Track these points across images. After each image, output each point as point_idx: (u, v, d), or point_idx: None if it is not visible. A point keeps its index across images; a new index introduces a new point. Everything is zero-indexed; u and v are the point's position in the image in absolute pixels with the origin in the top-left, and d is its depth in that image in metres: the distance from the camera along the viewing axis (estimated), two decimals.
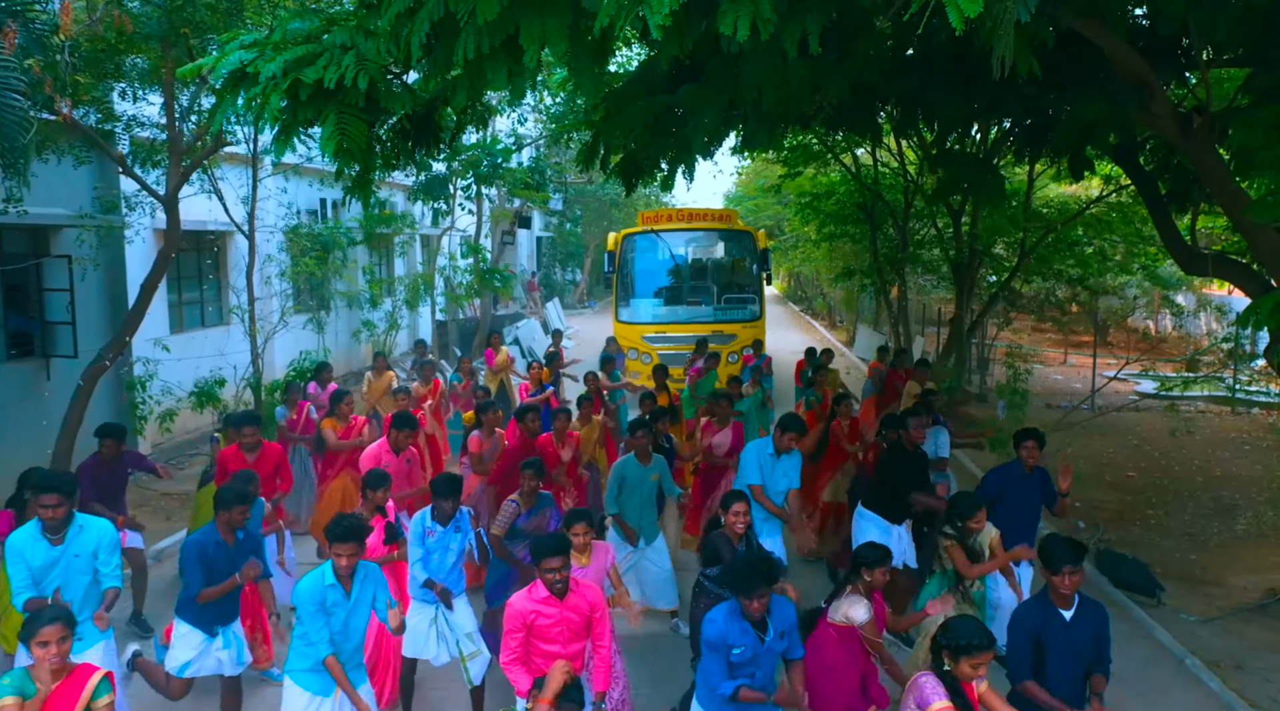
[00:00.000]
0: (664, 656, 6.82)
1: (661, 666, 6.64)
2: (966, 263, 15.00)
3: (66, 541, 5.01)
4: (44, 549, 4.98)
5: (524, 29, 4.21)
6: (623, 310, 16.00)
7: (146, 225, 11.78)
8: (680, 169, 7.12)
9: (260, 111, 4.69)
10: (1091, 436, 14.93)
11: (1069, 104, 6.86)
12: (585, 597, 4.57)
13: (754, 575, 4.29)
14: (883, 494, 7.12)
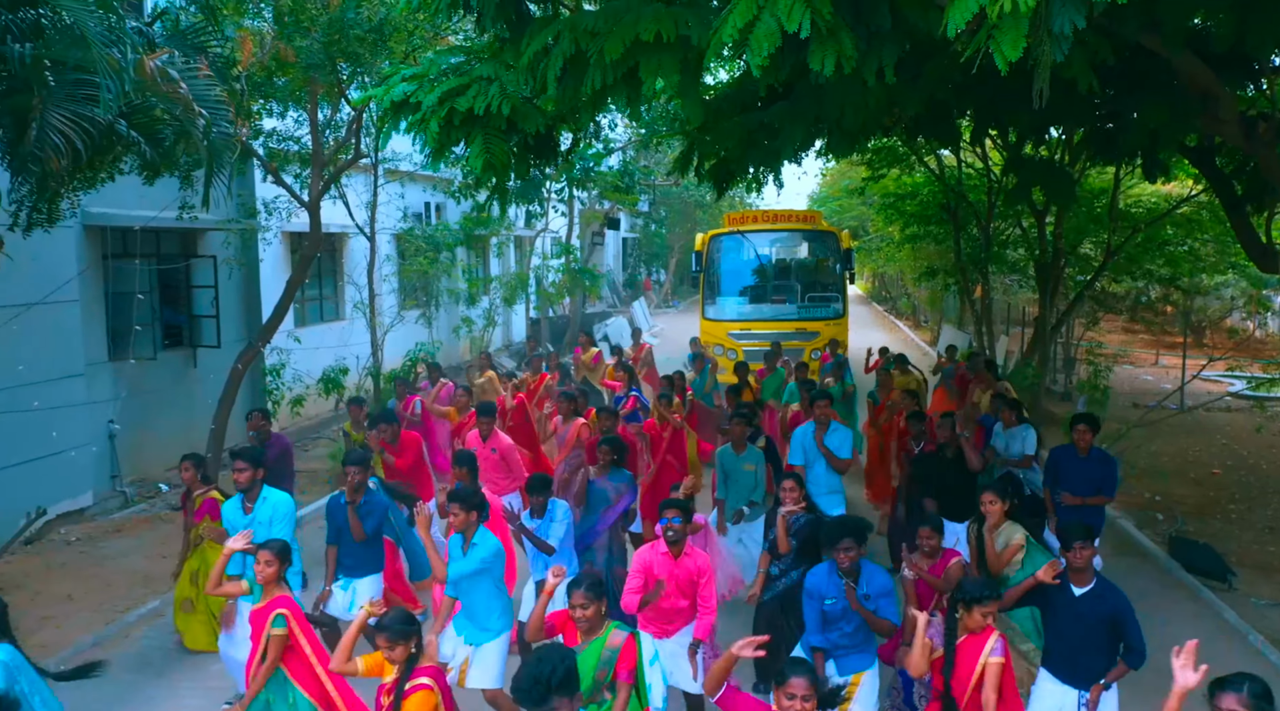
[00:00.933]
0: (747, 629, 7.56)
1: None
2: (1050, 262, 15.31)
3: (254, 510, 6.07)
4: (240, 516, 6.07)
5: (643, 64, 5.10)
6: (709, 308, 16.79)
7: (276, 229, 13.16)
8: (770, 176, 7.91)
9: (421, 133, 5.69)
10: (1179, 435, 15.10)
11: (1136, 110, 7.41)
12: (695, 561, 5.38)
13: (841, 529, 5.06)
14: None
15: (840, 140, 7.18)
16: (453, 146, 5.90)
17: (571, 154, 8.14)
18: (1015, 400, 9.20)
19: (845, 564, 5.04)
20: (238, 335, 13.43)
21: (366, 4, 8.00)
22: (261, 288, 13.87)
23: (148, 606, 8.18)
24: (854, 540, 5.04)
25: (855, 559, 5.02)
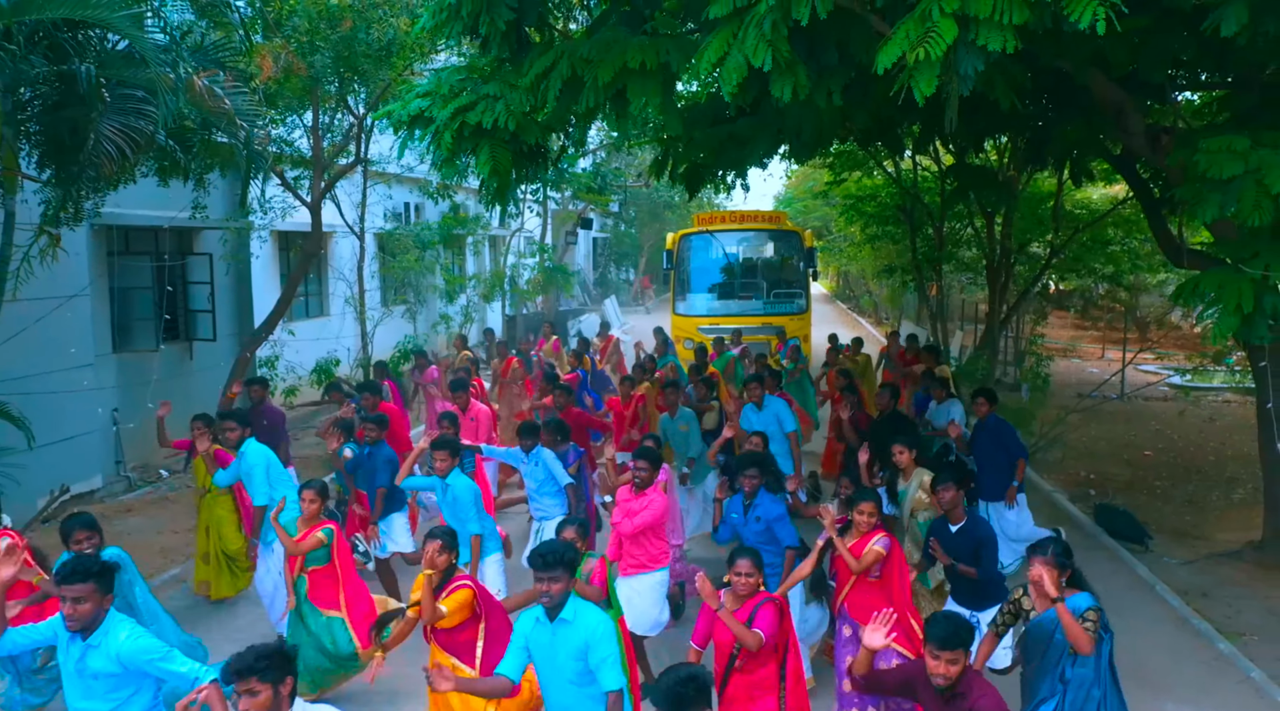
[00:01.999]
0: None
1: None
2: (999, 261, 16.50)
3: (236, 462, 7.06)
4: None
5: (630, 87, 6.07)
6: (680, 304, 17.79)
7: (267, 228, 13.93)
8: (738, 180, 8.92)
9: (435, 144, 6.61)
10: (1117, 421, 16.40)
11: (1057, 125, 8.52)
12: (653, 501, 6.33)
13: (746, 460, 6.20)
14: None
15: (799, 149, 8.24)
16: (463, 156, 6.82)
17: (560, 160, 9.07)
18: (944, 379, 10.37)
19: (746, 488, 6.10)
20: (231, 329, 14.20)
21: (376, 26, 8.90)
22: (253, 284, 14.63)
23: (169, 573, 8.99)
24: (757, 469, 6.09)
25: (755, 486, 6.05)
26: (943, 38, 4.41)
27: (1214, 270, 6.59)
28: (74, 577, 3.79)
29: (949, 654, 3.70)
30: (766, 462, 6.33)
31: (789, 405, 8.83)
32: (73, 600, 3.75)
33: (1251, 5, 5.17)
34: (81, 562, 3.93)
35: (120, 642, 3.83)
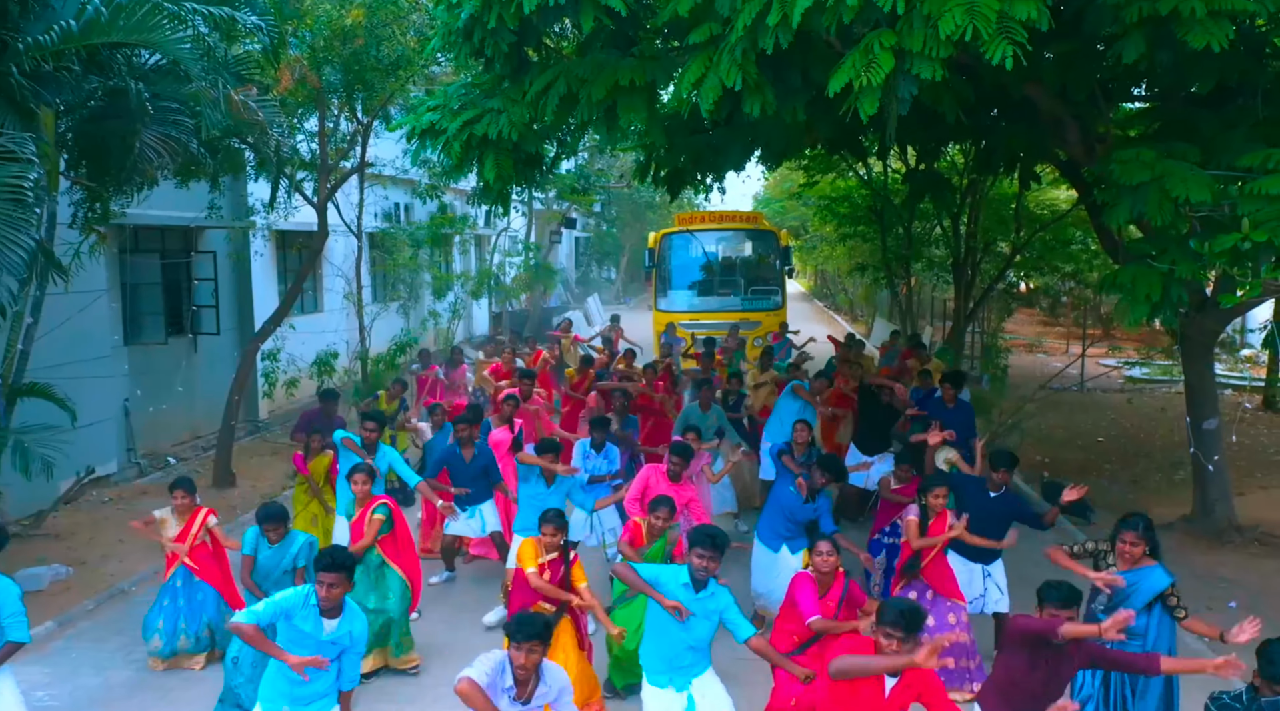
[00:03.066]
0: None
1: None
2: (964, 260, 17.53)
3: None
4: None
5: (620, 103, 6.98)
6: (661, 301, 18.71)
7: (266, 228, 14.74)
8: (716, 184, 9.86)
9: (445, 153, 7.49)
10: (1075, 411, 17.50)
11: (1003, 134, 9.52)
12: (686, 491, 7.22)
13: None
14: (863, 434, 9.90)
15: (770, 156, 9.19)
16: (470, 163, 7.70)
17: (553, 166, 9.96)
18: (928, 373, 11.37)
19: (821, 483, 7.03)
20: (233, 324, 14.99)
21: (387, 44, 9.75)
22: (252, 281, 15.42)
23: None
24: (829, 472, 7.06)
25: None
26: (882, 67, 5.35)
27: (1130, 265, 7.59)
28: (332, 567, 4.54)
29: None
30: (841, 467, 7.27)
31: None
32: (329, 585, 4.53)
33: (1147, 37, 6.15)
34: (339, 554, 4.67)
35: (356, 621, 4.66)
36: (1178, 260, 7.07)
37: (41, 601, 8.53)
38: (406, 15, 9.78)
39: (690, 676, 4.97)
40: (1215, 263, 6.84)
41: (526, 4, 6.13)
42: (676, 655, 4.95)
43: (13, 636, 4.86)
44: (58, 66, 6.56)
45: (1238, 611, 8.60)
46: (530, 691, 4.12)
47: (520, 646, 4.06)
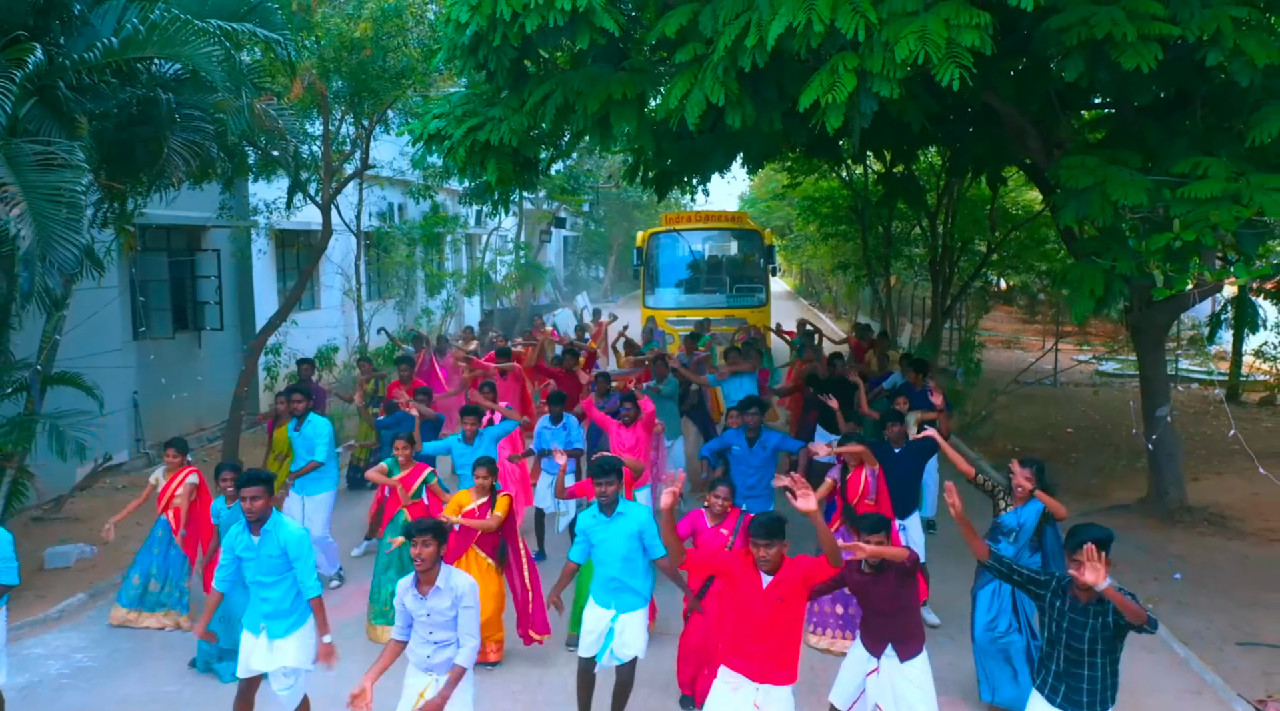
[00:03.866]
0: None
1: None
2: (941, 259, 18.33)
3: (303, 429, 8.47)
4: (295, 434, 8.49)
5: (613, 114, 7.69)
6: (649, 298, 19.41)
7: (265, 228, 15.39)
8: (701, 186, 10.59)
9: (452, 157, 8.18)
10: (1048, 404, 18.35)
11: (970, 141, 10.28)
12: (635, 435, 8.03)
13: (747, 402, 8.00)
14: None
15: (751, 161, 9.91)
16: (474, 167, 8.39)
17: (548, 170, 10.65)
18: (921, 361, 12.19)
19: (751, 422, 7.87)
20: (234, 320, 15.61)
21: (392, 54, 10.41)
22: (253, 278, 16.04)
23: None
24: (757, 409, 7.80)
25: (757, 424, 7.76)
26: (845, 87, 6.07)
27: (1078, 262, 8.35)
28: (251, 482, 5.26)
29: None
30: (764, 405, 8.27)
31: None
32: (250, 498, 5.23)
33: (1085, 58, 6.89)
34: (258, 470, 5.45)
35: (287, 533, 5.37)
36: (1119, 257, 7.83)
37: (70, 577, 9.19)
38: (410, 29, 10.45)
39: (621, 605, 5.76)
40: (1151, 260, 7.60)
41: (529, 24, 6.82)
42: (606, 570, 5.78)
43: (3, 580, 5.50)
44: (97, 79, 7.20)
45: (1182, 582, 9.42)
46: (430, 586, 4.86)
47: (415, 541, 4.82)
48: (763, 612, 4.73)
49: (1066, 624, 4.61)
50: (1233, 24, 6.77)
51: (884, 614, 5.29)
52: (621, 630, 5.72)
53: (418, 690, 4.88)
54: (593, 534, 5.80)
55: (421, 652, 4.92)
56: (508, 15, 6.86)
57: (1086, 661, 4.56)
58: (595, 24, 6.85)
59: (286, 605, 5.34)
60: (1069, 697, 4.62)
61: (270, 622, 5.35)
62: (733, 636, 4.86)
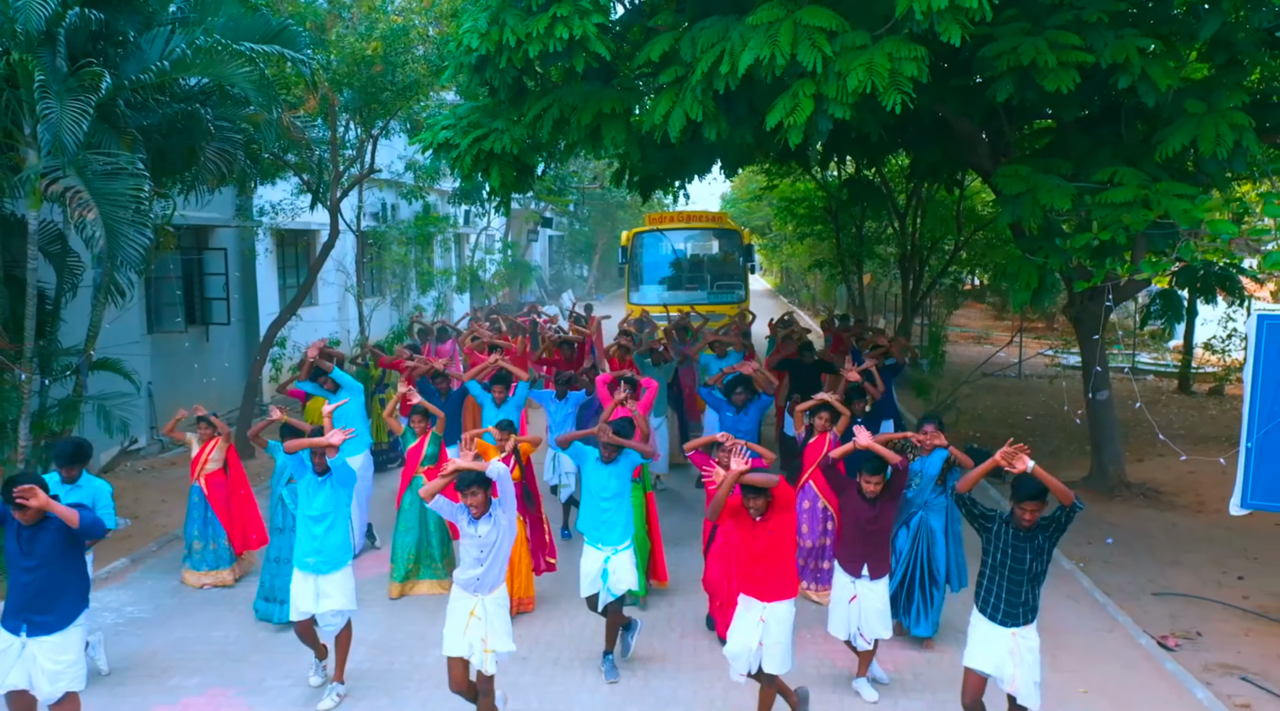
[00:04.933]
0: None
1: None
2: (911, 256, 19.51)
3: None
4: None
5: (604, 127, 8.78)
6: (634, 294, 20.52)
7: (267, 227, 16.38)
8: (682, 189, 11.71)
9: (459, 164, 9.24)
10: (1011, 395, 19.62)
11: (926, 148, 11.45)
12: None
13: (736, 381, 9.06)
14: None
15: (728, 167, 11.04)
16: (478, 174, 9.45)
17: (543, 175, 11.73)
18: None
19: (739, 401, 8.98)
20: (240, 315, 16.58)
21: (401, 70, 11.44)
22: (257, 275, 17.02)
23: None
24: (743, 389, 8.94)
25: (744, 400, 8.99)
26: (804, 110, 7.19)
27: (1016, 258, 9.51)
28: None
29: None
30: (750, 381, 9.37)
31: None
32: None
33: (1015, 81, 8.04)
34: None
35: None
36: (1050, 255, 8.99)
37: (110, 545, 10.15)
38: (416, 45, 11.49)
39: (613, 543, 6.93)
40: (1074, 257, 8.76)
41: (531, 50, 7.89)
42: (599, 511, 6.94)
43: (107, 524, 6.47)
44: (147, 96, 8.21)
45: (1113, 546, 10.60)
46: (482, 514, 5.81)
47: (465, 495, 5.74)
48: (760, 544, 5.96)
49: (1010, 549, 5.68)
50: (1139, 53, 7.94)
51: (866, 534, 6.64)
52: (614, 569, 6.87)
53: (467, 609, 5.86)
54: (589, 472, 7.05)
55: (470, 574, 5.87)
56: (513, 42, 7.93)
57: (1025, 581, 5.65)
58: (589, 49, 7.93)
59: (332, 542, 6.43)
60: (1008, 614, 5.72)
61: (317, 558, 6.42)
62: (741, 566, 6.17)
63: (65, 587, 5.53)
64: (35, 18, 6.90)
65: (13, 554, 5.42)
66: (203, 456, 8.73)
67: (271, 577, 7.86)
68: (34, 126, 7.59)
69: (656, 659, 7.50)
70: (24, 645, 5.45)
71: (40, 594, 5.43)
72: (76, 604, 5.63)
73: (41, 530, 5.40)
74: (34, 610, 5.44)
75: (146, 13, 8.38)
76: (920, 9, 6.63)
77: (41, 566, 5.41)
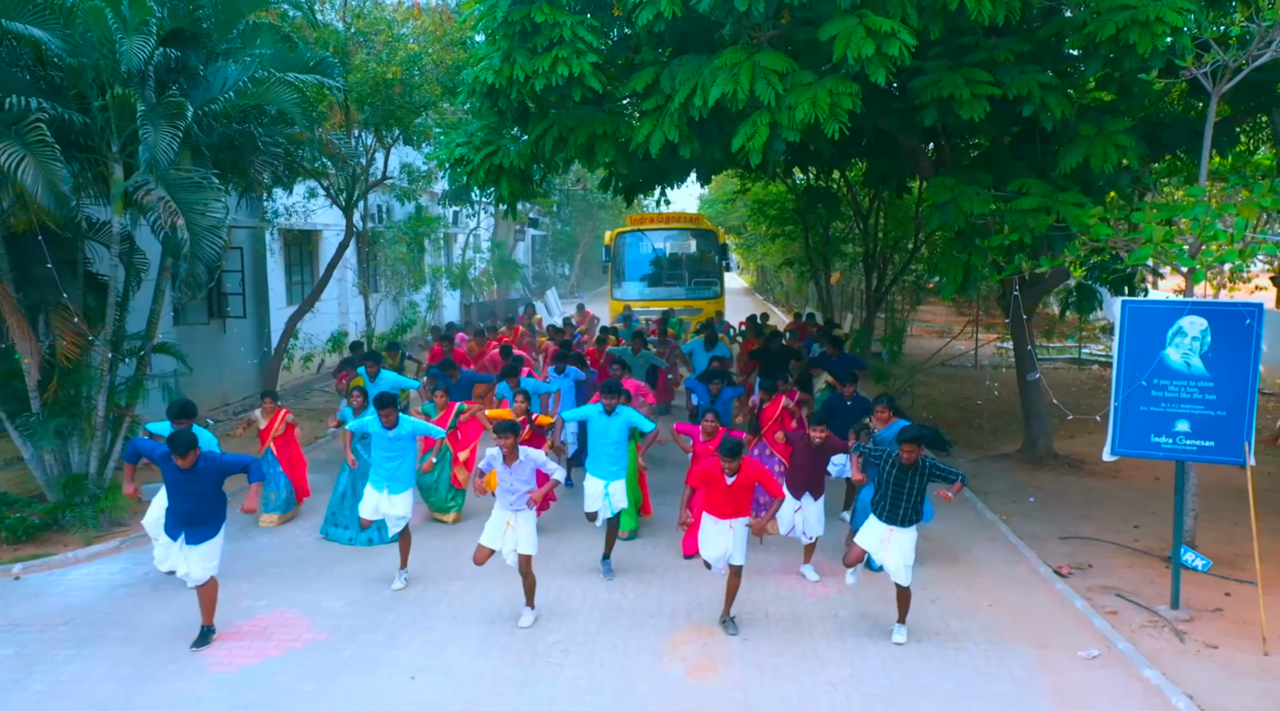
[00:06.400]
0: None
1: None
2: (875, 255, 21.43)
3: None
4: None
5: (597, 145, 10.58)
6: (616, 290, 22.32)
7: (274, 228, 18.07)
8: (662, 195, 13.53)
9: (472, 176, 11.01)
10: (967, 384, 21.57)
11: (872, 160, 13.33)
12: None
13: (713, 372, 10.88)
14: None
15: (702, 177, 12.88)
16: (489, 185, 11.22)
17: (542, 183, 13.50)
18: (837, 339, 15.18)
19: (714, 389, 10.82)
20: (253, 309, 18.21)
21: (418, 92, 13.15)
22: (267, 273, 18.66)
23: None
24: (718, 379, 10.77)
25: (718, 389, 10.78)
26: (761, 135, 9.01)
27: (945, 255, 11.38)
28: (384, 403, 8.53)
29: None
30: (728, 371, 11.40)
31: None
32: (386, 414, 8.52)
33: (938, 108, 9.89)
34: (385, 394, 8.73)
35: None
36: (972, 253, 10.87)
37: None
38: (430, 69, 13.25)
39: (610, 476, 9.04)
40: (990, 255, 10.63)
41: (537, 85, 9.67)
42: (602, 451, 9.04)
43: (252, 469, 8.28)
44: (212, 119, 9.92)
45: (1035, 503, 12.49)
46: (514, 461, 7.94)
47: (500, 438, 7.89)
48: (729, 494, 8.01)
49: (894, 477, 7.70)
50: (1040, 87, 9.81)
51: (811, 470, 9.07)
52: (614, 492, 9.15)
53: (504, 519, 8.07)
54: (594, 424, 9.15)
55: (507, 499, 8.06)
56: (521, 77, 9.70)
57: (903, 499, 7.72)
58: (586, 84, 9.71)
59: (400, 473, 8.58)
60: (890, 516, 7.89)
61: (390, 483, 8.56)
62: (710, 503, 8.11)
63: (211, 512, 7.68)
64: (136, 59, 8.58)
65: (173, 483, 7.55)
66: (273, 426, 10.47)
67: (337, 508, 10.03)
68: (120, 146, 9.28)
69: (641, 567, 9.72)
70: (182, 546, 7.62)
71: (193, 516, 7.56)
72: (217, 523, 7.75)
73: (195, 471, 7.39)
74: (188, 525, 7.58)
75: (209, 48, 10.07)
76: (852, 56, 8.47)
77: (194, 498, 7.55)
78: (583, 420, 9.59)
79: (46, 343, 9.84)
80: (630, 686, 7.35)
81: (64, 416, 10.00)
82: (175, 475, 7.52)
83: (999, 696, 7.23)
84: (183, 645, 7.96)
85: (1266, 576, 9.04)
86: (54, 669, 7.62)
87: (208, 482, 7.57)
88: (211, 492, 7.65)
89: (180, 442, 7.32)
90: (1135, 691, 7.32)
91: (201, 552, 7.67)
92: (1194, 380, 8.49)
